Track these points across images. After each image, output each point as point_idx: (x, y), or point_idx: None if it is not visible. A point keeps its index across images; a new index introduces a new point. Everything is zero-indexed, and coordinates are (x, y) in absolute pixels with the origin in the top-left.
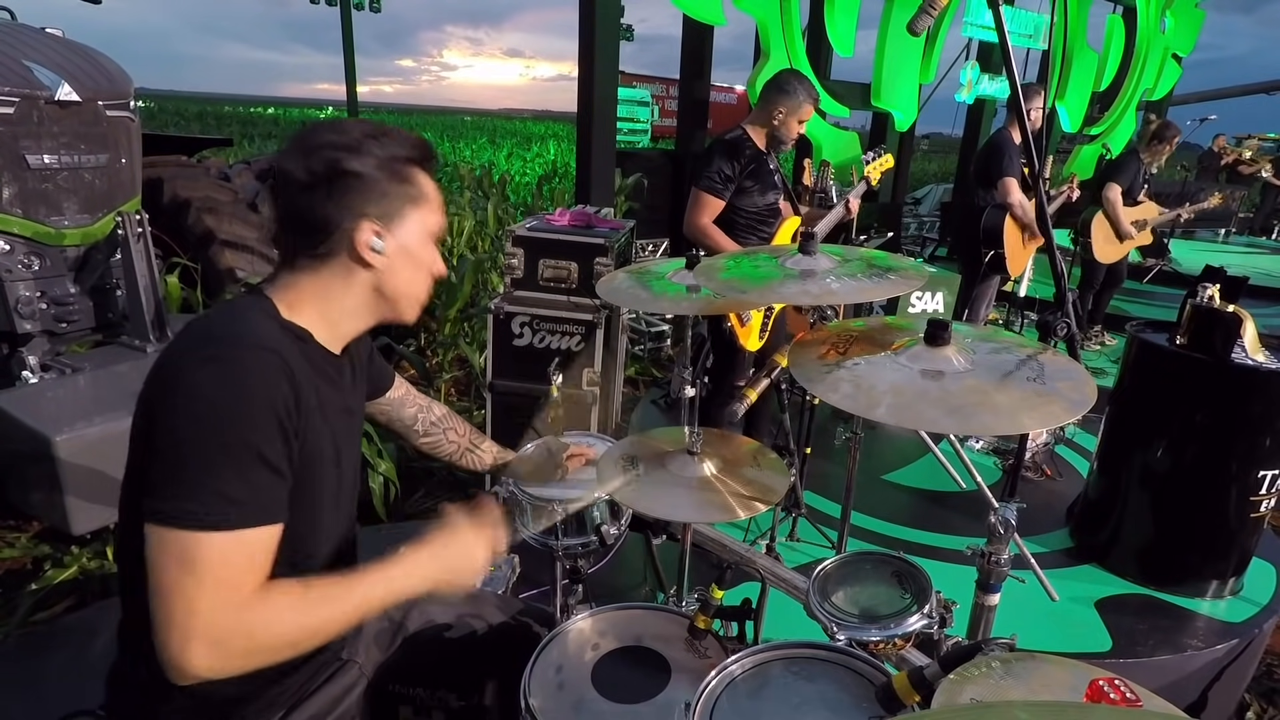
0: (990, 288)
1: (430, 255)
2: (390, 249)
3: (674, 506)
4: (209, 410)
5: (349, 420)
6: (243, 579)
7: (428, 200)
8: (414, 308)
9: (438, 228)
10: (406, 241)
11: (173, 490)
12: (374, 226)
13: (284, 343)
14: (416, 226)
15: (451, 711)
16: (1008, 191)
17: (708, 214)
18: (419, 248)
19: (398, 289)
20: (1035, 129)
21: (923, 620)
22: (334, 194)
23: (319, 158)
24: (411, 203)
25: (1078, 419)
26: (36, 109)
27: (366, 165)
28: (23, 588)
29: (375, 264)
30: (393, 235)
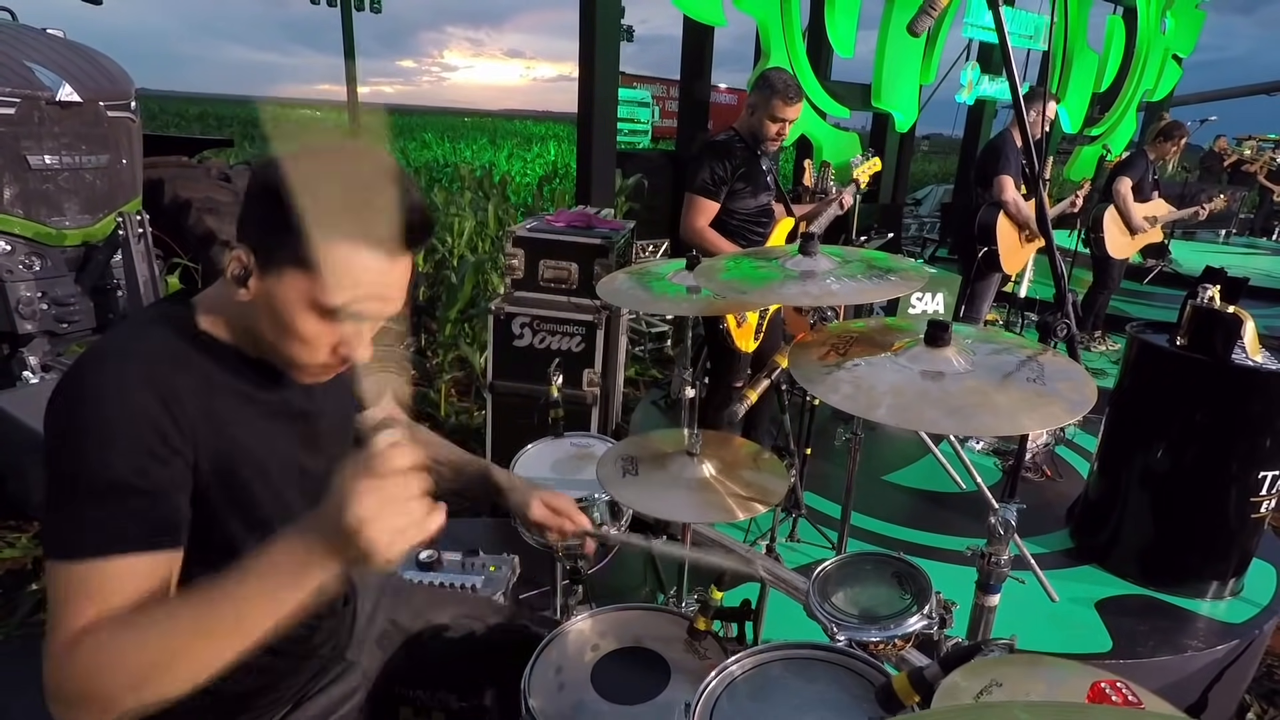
0: (990, 286)
1: (310, 330)
2: (255, 290)
3: (674, 507)
4: (59, 438)
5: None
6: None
7: (328, 275)
8: (294, 369)
9: (334, 308)
10: (272, 294)
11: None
12: (243, 256)
13: (169, 354)
14: (292, 290)
15: (451, 712)
16: (1001, 189)
17: (703, 217)
18: (287, 312)
19: (263, 334)
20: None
21: (923, 621)
22: (250, 209)
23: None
24: (297, 264)
25: (1078, 420)
26: (38, 109)
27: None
28: (23, 588)
29: (239, 296)
30: (260, 279)
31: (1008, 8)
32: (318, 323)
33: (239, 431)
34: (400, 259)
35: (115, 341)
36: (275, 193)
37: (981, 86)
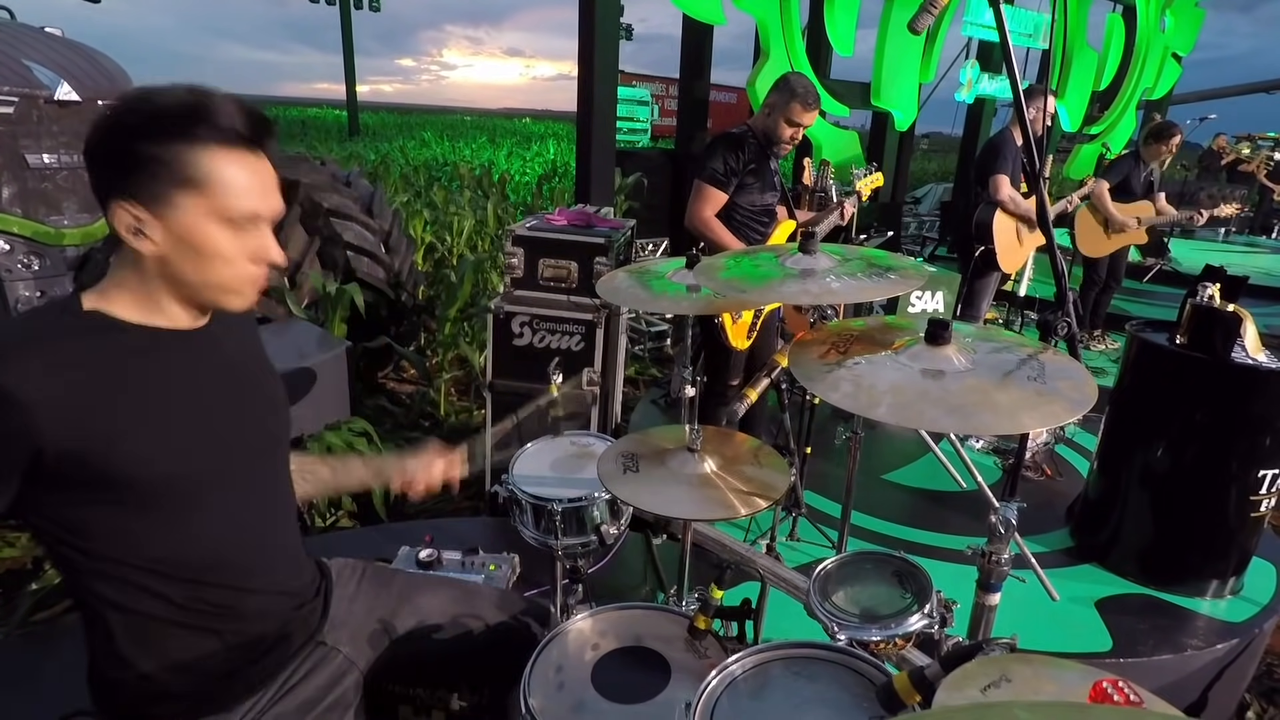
0: (989, 284)
1: (226, 246)
2: (157, 235)
3: (674, 503)
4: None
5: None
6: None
7: (215, 185)
8: (223, 295)
9: (245, 210)
10: (178, 228)
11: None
12: (131, 209)
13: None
14: (194, 212)
15: (451, 711)
16: (997, 188)
17: (710, 206)
18: (199, 236)
19: (184, 275)
20: (1039, 130)
21: (923, 620)
22: (98, 169)
23: (108, 129)
24: (184, 186)
25: (1078, 419)
26: (36, 108)
27: (126, 140)
28: (23, 588)
29: (143, 249)
30: (160, 221)
31: (1008, 6)
32: (229, 236)
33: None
34: (261, 155)
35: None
36: (128, 138)
37: (981, 85)
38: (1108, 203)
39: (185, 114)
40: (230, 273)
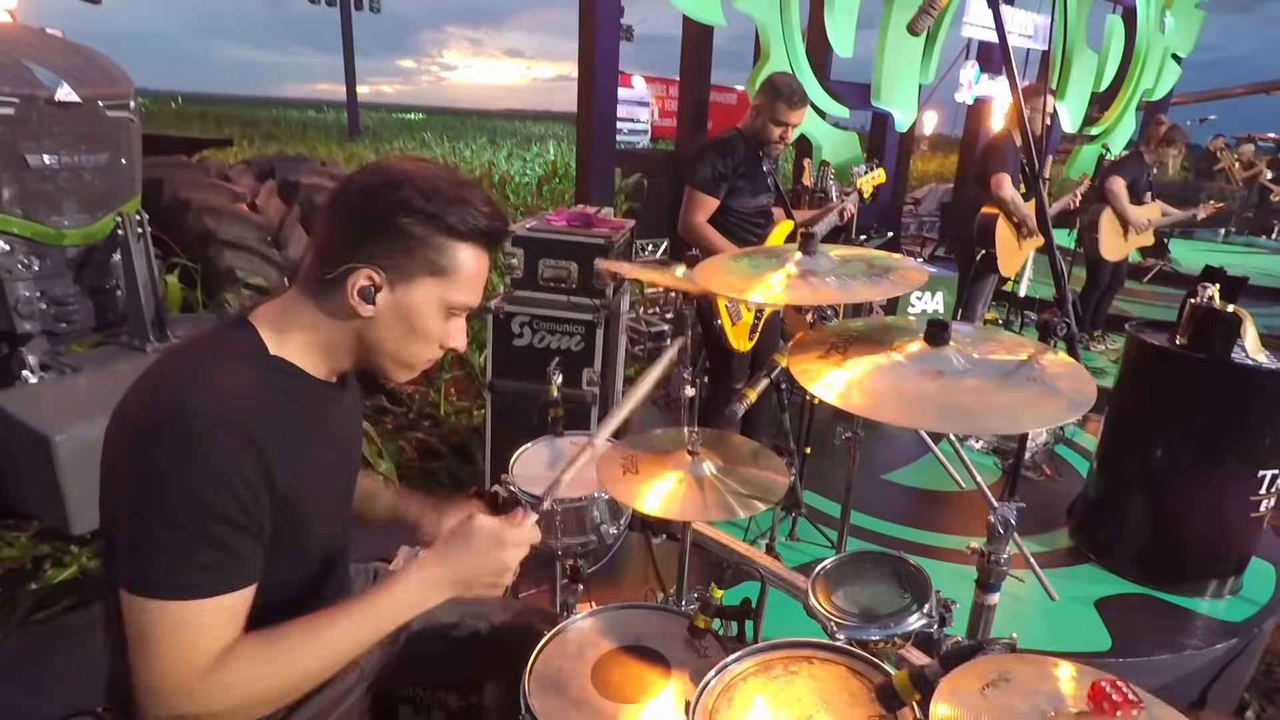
0: (986, 287)
1: (437, 326)
2: (383, 304)
3: (674, 505)
4: (168, 478)
5: (343, 449)
6: (200, 647)
7: (455, 276)
8: (398, 370)
9: (462, 303)
10: (407, 304)
11: (138, 556)
12: (373, 275)
13: (259, 398)
14: (427, 294)
15: (451, 711)
16: (999, 186)
17: (702, 213)
18: (421, 314)
19: (383, 345)
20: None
21: (922, 619)
22: (357, 229)
23: (369, 190)
24: (432, 272)
25: (1077, 419)
26: (36, 109)
27: (401, 217)
28: (23, 587)
29: (362, 312)
30: (392, 292)
31: (1007, 7)
32: (440, 321)
33: (302, 465)
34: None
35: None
36: (402, 214)
37: (981, 85)
38: (1127, 203)
39: (458, 208)
40: (423, 353)
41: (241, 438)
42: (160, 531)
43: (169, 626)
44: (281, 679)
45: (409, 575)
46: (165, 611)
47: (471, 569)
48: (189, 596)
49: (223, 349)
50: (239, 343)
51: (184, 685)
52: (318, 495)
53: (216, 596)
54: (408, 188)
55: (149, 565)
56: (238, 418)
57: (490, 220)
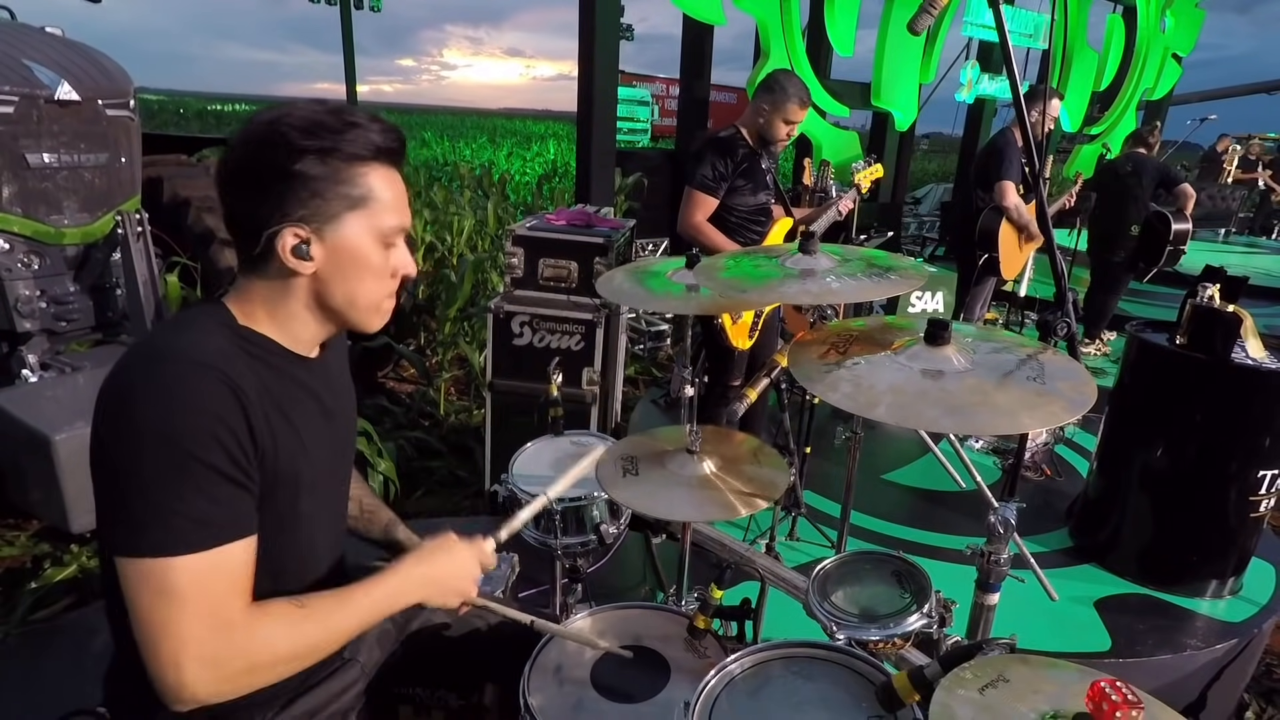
0: (985, 289)
1: (380, 258)
2: (320, 255)
3: (673, 505)
4: (154, 434)
5: (330, 422)
6: (226, 599)
7: (374, 200)
8: (368, 314)
9: (395, 226)
10: (344, 246)
11: (134, 519)
12: (297, 230)
13: (231, 355)
14: (358, 229)
15: (451, 711)
16: (1004, 195)
17: (702, 212)
18: (364, 253)
19: (338, 297)
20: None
21: (922, 620)
22: (258, 195)
23: (247, 152)
24: (351, 205)
25: (1078, 419)
26: (36, 108)
27: (293, 163)
28: (22, 586)
29: (302, 270)
30: (323, 241)
31: (1008, 6)
32: (381, 252)
33: (285, 433)
34: (400, 170)
35: (181, 346)
36: (294, 160)
37: (981, 85)
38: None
39: (349, 134)
40: (380, 289)
41: (219, 382)
42: (154, 487)
43: (188, 582)
44: (310, 639)
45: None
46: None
47: (447, 573)
48: (196, 549)
49: (192, 319)
50: (209, 315)
51: (220, 636)
52: (306, 465)
53: (221, 546)
54: (289, 133)
55: (150, 524)
56: (215, 364)
57: (385, 134)
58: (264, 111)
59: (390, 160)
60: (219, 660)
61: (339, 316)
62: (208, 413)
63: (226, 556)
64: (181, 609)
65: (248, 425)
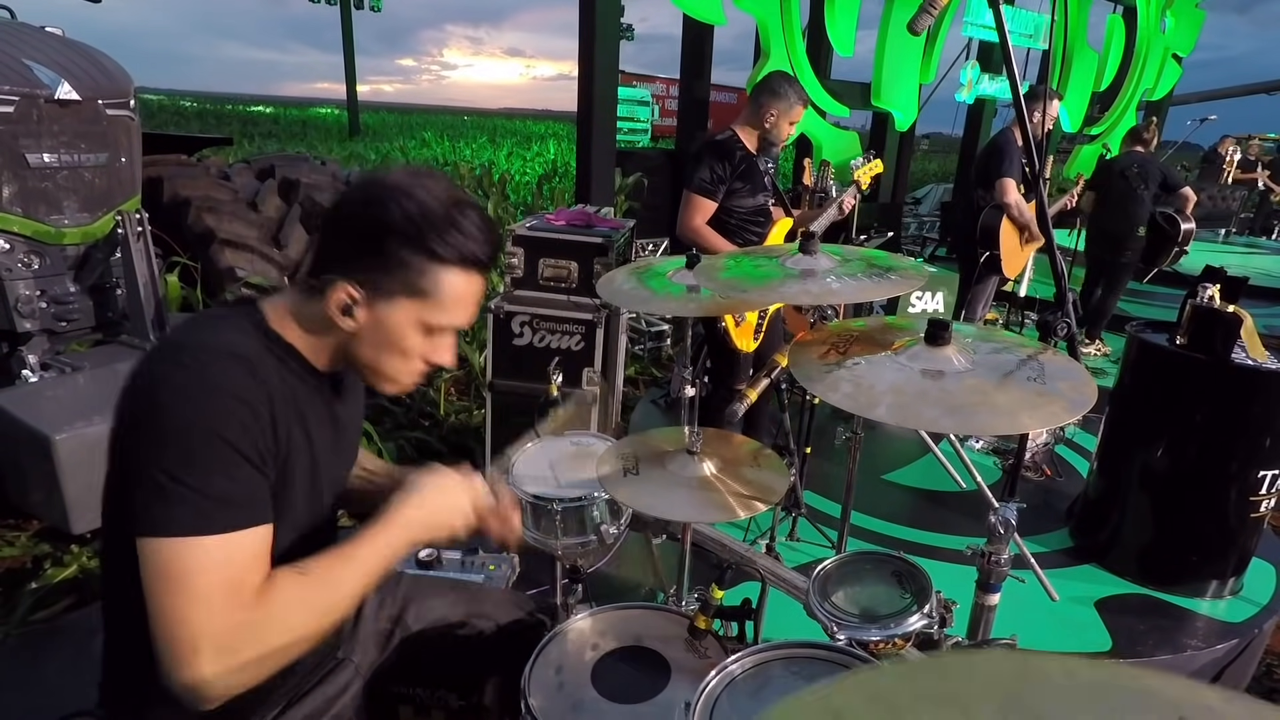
0: (987, 288)
1: (416, 343)
2: (362, 319)
3: (674, 506)
4: (183, 413)
5: (335, 434)
6: (244, 581)
7: (435, 298)
8: (383, 383)
9: (445, 324)
10: (385, 322)
11: (159, 499)
12: (352, 291)
13: (258, 353)
14: (405, 315)
15: (451, 711)
16: (1004, 192)
17: (701, 215)
18: (401, 334)
19: (363, 359)
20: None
21: (923, 620)
22: (346, 241)
23: (355, 199)
24: (411, 294)
25: (1078, 419)
26: (36, 108)
27: (381, 234)
28: (22, 587)
29: (342, 325)
30: (370, 310)
31: (1008, 6)
32: (421, 340)
33: (298, 436)
34: (484, 276)
35: (211, 337)
36: (385, 234)
37: (981, 85)
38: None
39: (448, 235)
40: (404, 368)
41: (250, 373)
42: (181, 468)
43: (208, 564)
44: (322, 601)
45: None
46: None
47: (439, 506)
48: (219, 530)
49: (226, 317)
50: (242, 315)
51: (236, 621)
52: (313, 473)
53: (244, 529)
54: (396, 207)
55: (175, 504)
56: (246, 355)
57: (481, 245)
58: (399, 172)
59: (475, 268)
60: (234, 645)
61: (359, 371)
62: (236, 397)
63: (246, 540)
64: (199, 594)
65: (271, 418)
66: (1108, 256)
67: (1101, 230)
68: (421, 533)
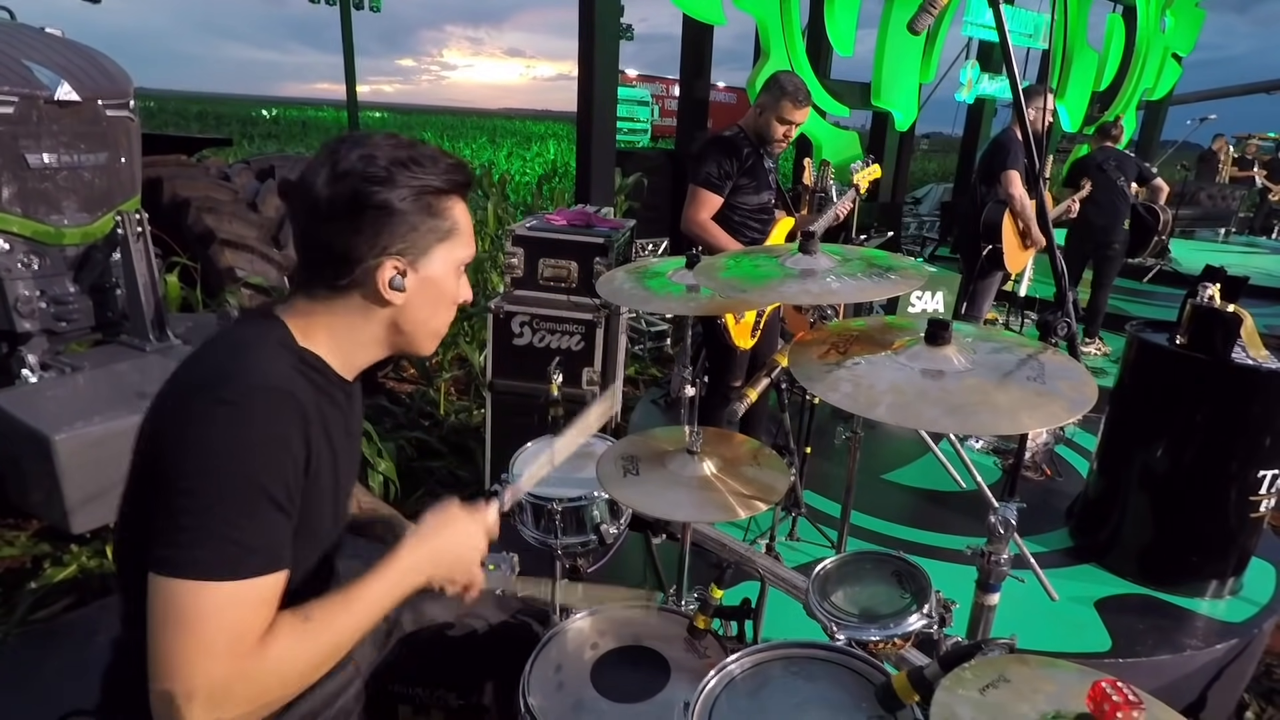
0: (991, 284)
1: (454, 287)
2: (411, 285)
3: (674, 506)
4: (223, 456)
5: (349, 443)
6: (249, 629)
7: (457, 233)
8: (432, 340)
9: (467, 257)
10: (430, 276)
11: (182, 537)
12: (397, 264)
13: (296, 379)
14: (444, 261)
15: (451, 710)
16: (1009, 183)
17: (706, 210)
18: (443, 282)
19: (415, 324)
20: (1040, 129)
21: (922, 620)
22: (358, 227)
23: (345, 185)
24: (440, 238)
25: (1078, 419)
26: (36, 108)
27: (395, 198)
28: (22, 586)
29: (395, 301)
30: (416, 272)
31: (1008, 6)
32: (455, 283)
33: (325, 453)
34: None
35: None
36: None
37: (981, 85)
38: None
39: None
40: (448, 316)
41: (293, 409)
42: (210, 511)
43: (220, 608)
44: (322, 650)
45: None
46: (215, 593)
47: (452, 548)
48: (239, 576)
49: (256, 338)
50: (270, 333)
51: (234, 670)
52: (329, 488)
53: (262, 576)
54: (388, 168)
55: (199, 546)
56: (288, 388)
57: (460, 168)
58: (345, 144)
59: (465, 193)
60: (229, 697)
61: (406, 341)
62: (277, 442)
63: (261, 587)
64: (205, 639)
65: (306, 454)
66: (1094, 251)
67: (1088, 224)
68: (427, 576)
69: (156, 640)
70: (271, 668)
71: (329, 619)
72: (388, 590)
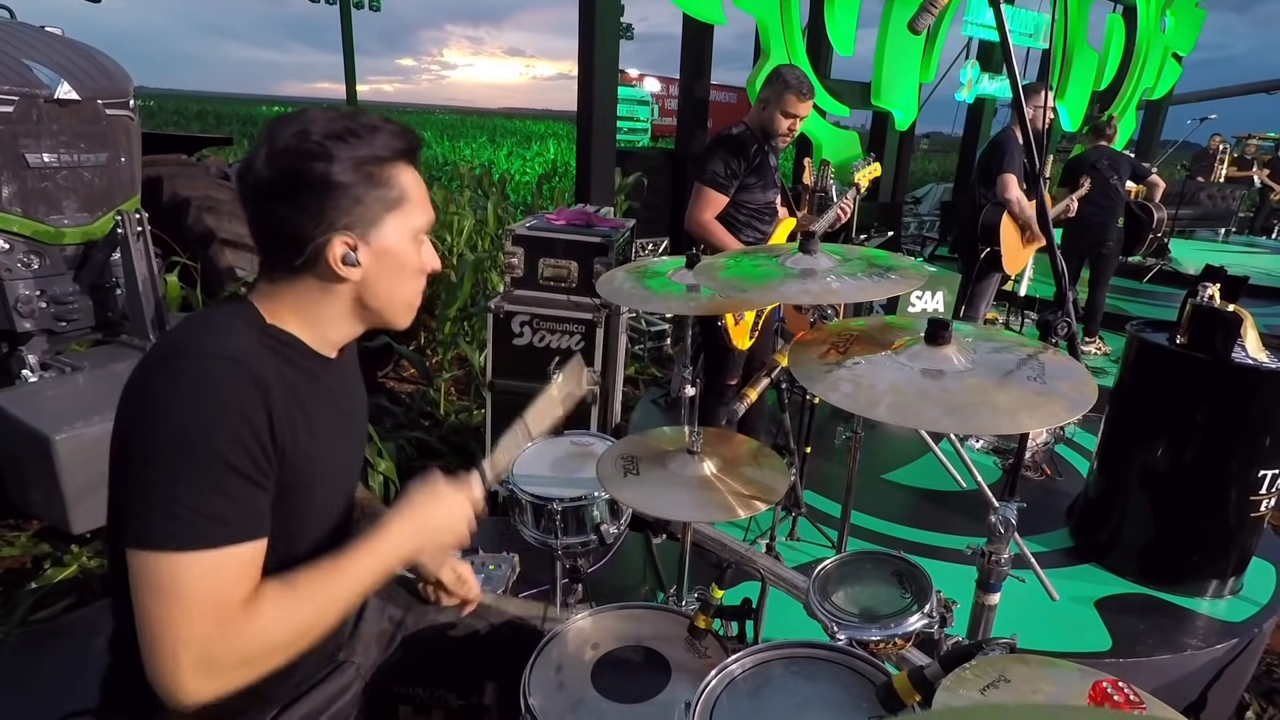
0: (990, 285)
1: (416, 256)
2: (366, 259)
3: (674, 506)
4: (177, 425)
5: (345, 423)
6: (231, 595)
7: (408, 200)
8: (404, 313)
9: (424, 224)
10: (385, 248)
11: (149, 512)
12: (346, 239)
13: (257, 352)
14: (397, 230)
15: (451, 710)
16: (1006, 187)
17: (711, 209)
18: (401, 251)
19: (380, 298)
20: (1040, 128)
21: (923, 620)
22: (301, 205)
23: (282, 164)
24: (389, 207)
25: (1078, 418)
26: (36, 108)
27: (334, 172)
28: (22, 586)
29: (351, 277)
30: (368, 245)
31: (1008, 6)
32: (414, 250)
33: (303, 430)
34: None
35: (205, 340)
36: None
37: (981, 85)
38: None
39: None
40: (416, 285)
41: (247, 379)
42: (173, 481)
43: (196, 578)
44: (308, 617)
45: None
46: (189, 563)
47: (437, 520)
48: (209, 545)
49: (220, 317)
50: (236, 314)
51: (219, 635)
52: (321, 466)
53: (234, 545)
54: (324, 143)
55: (165, 518)
56: (242, 359)
57: (404, 135)
58: (281, 123)
59: (412, 159)
60: (216, 661)
61: (375, 316)
62: (234, 410)
63: (236, 556)
64: (185, 607)
65: (269, 423)
66: (1089, 250)
67: (1085, 223)
68: (415, 548)
69: (140, 611)
70: (257, 633)
71: (315, 587)
72: (375, 561)
